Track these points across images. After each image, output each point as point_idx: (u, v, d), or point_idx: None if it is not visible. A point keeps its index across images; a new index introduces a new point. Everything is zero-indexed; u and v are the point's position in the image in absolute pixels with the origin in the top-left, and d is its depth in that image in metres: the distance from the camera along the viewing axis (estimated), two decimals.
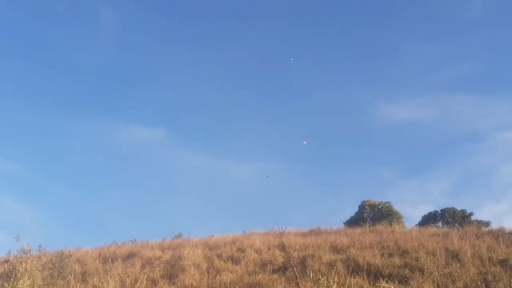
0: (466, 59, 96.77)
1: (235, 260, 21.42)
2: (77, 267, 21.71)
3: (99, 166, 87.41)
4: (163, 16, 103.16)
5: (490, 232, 26.62)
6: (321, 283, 12.44)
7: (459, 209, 38.96)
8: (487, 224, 36.37)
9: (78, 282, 18.26)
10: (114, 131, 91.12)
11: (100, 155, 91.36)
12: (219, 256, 22.40)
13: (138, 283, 17.23)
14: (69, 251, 23.03)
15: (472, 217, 37.90)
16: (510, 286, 13.96)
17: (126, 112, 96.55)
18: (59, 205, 73.84)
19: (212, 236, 29.37)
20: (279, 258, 20.73)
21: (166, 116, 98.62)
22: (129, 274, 19.09)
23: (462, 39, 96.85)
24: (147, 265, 21.32)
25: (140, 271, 20.11)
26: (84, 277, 19.68)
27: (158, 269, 20.29)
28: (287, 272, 17.47)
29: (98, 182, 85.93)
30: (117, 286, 16.56)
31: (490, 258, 19.09)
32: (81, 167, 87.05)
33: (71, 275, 19.17)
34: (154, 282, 17.84)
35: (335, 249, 22.38)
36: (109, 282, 16.79)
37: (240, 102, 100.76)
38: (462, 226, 32.90)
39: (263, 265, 20.09)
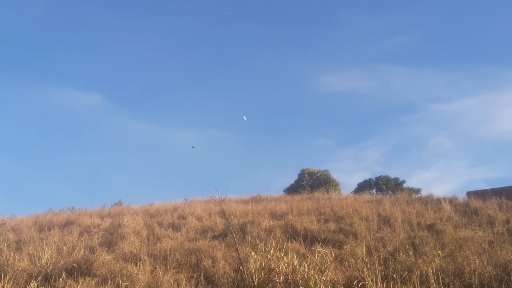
0: (402, 32, 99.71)
1: (176, 227, 21.49)
2: (11, 235, 21.01)
3: (33, 133, 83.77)
4: None
5: (420, 199, 28.15)
6: (259, 248, 12.79)
7: (392, 177, 40.90)
8: (417, 191, 38.49)
9: (12, 251, 17.69)
10: (48, 96, 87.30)
11: (33, 120, 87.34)
12: (160, 224, 22.39)
13: (76, 250, 16.93)
14: (3, 219, 22.26)
15: (404, 185, 39.96)
16: (435, 249, 14.86)
17: (60, 76, 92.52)
18: None
19: (153, 203, 29.24)
20: (220, 225, 20.99)
21: (103, 82, 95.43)
22: (66, 242, 18.72)
23: (399, 12, 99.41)
24: (85, 233, 20.98)
25: (78, 239, 19.77)
26: (18, 245, 19.09)
27: (97, 236, 20.01)
28: (227, 238, 17.75)
29: (32, 149, 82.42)
30: (54, 254, 16.18)
31: (418, 223, 20.24)
32: (13, 133, 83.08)
33: (4, 244, 18.61)
34: (92, 249, 17.59)
35: (274, 215, 22.92)
36: (45, 250, 16.39)
37: (181, 69, 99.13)
38: (395, 193, 34.58)
39: (203, 231, 20.30)
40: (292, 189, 39.62)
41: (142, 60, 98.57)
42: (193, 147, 29.61)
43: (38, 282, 13.15)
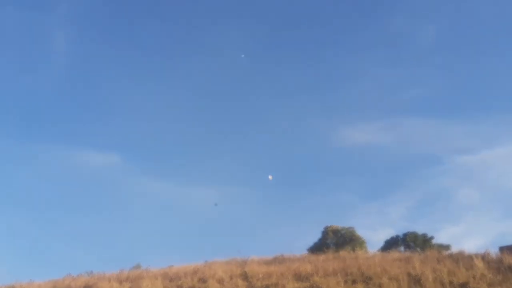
0: (422, 84, 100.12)
1: None
2: None
3: (51, 194, 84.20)
4: (117, 41, 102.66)
5: (451, 255, 26.89)
6: None
7: (420, 233, 39.52)
8: (447, 247, 36.96)
9: None
10: (66, 156, 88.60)
11: (51, 181, 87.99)
12: None
13: None
14: (21, 285, 21.89)
15: (433, 241, 38.49)
16: None
17: (78, 137, 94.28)
18: (8, 235, 70.10)
19: (172, 266, 28.50)
20: None
21: (121, 141, 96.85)
22: None
23: (418, 64, 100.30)
24: None
25: None
26: None
27: None
28: None
29: (50, 211, 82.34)
30: None
31: (451, 282, 19.23)
32: (31, 195, 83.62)
33: None
34: None
35: (298, 277, 22.06)
36: None
37: (198, 126, 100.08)
38: (424, 250, 33.23)
39: None
40: (316, 248, 38.50)
41: (159, 118, 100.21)
42: (215, 204, 29.16)
43: None
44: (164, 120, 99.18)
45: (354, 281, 20.35)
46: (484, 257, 24.80)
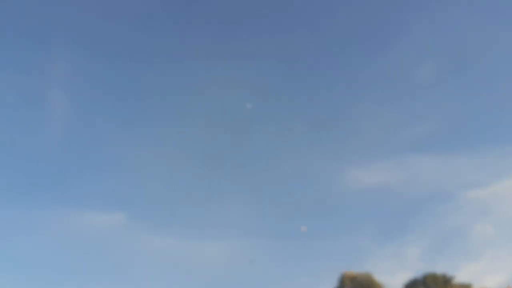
0: (424, 120, 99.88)
1: None
2: None
3: (53, 259, 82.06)
4: (117, 95, 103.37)
5: None
6: None
7: (439, 273, 38.55)
8: (468, 286, 35.92)
9: None
10: (68, 219, 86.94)
11: (53, 247, 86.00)
12: None
13: None
14: None
15: (454, 281, 37.47)
16: None
17: (80, 198, 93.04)
18: None
19: None
20: None
21: (125, 200, 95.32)
22: None
23: (419, 100, 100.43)
24: None
25: None
26: None
27: None
28: None
29: (55, 275, 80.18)
30: None
31: None
32: (33, 262, 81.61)
33: None
34: None
35: None
36: None
37: (202, 180, 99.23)
38: None
39: None
40: None
41: (162, 173, 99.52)
42: (251, 263, 27.44)
43: None
44: (168, 173, 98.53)
45: None
46: None
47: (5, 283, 68.82)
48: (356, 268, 40.92)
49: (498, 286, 26.07)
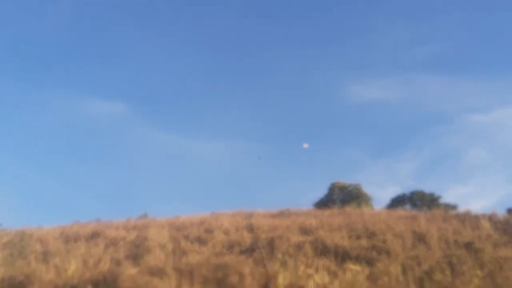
0: (435, 40, 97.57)
1: (202, 241, 21.03)
2: (38, 246, 20.98)
3: (58, 141, 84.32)
4: None
5: (457, 215, 26.92)
6: (289, 265, 12.22)
7: (427, 192, 39.56)
8: (454, 207, 37.00)
9: (39, 262, 17.58)
10: (71, 105, 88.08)
11: (58, 129, 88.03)
12: (186, 237, 21.97)
13: (102, 263, 16.68)
14: (30, 230, 22.30)
15: (440, 200, 38.55)
16: (474, 269, 14.02)
17: (84, 86, 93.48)
18: (17, 183, 71.09)
19: (179, 216, 28.89)
20: (247, 239, 20.42)
21: (127, 91, 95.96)
22: (92, 254, 18.50)
23: (432, 19, 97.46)
24: (111, 246, 20.75)
25: (104, 251, 19.54)
26: (45, 257, 18.98)
27: (123, 249, 19.76)
28: (255, 253, 17.19)
29: (57, 160, 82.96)
30: (80, 266, 15.97)
31: (456, 241, 19.23)
32: (38, 144, 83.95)
33: (32, 255, 18.55)
34: (118, 262, 17.30)
35: (303, 230, 22.22)
36: (71, 262, 16.20)
37: (206, 80, 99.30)
38: (430, 209, 33.32)
39: (230, 246, 19.75)
40: (322, 204, 38.79)
41: (166, 69, 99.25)
42: (259, 158, 28.85)
43: None
44: (173, 72, 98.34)
45: (358, 237, 20.45)
46: (491, 218, 24.80)
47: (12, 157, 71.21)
48: (348, 179, 42.02)
49: (484, 211, 26.85)
